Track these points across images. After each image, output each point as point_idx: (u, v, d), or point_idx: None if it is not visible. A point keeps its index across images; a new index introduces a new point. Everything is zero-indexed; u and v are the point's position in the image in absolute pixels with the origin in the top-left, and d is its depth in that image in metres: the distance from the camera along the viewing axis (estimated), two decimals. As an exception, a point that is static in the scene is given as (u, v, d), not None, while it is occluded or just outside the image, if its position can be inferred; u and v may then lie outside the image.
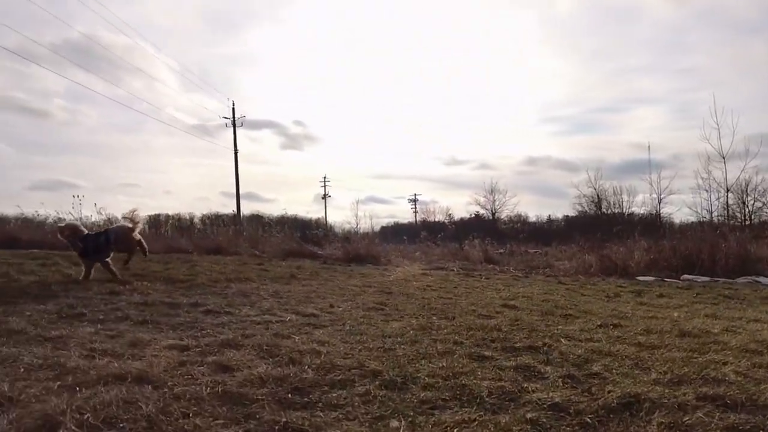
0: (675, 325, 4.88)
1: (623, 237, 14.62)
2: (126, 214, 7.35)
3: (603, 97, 73.96)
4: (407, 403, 2.62)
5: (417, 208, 63.64)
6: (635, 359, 3.61)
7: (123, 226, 7.17)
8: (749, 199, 31.05)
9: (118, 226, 7.23)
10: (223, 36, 70.42)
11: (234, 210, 36.65)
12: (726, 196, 27.06)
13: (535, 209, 75.47)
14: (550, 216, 51.90)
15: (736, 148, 24.41)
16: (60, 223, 7.27)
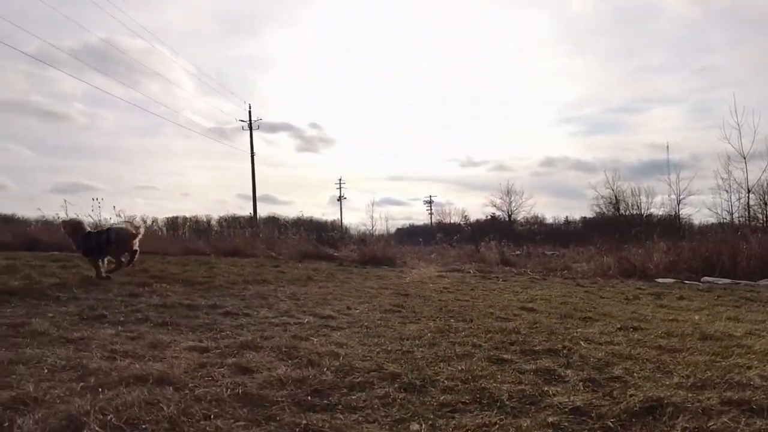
0: (696, 328, 4.81)
1: (642, 239, 14.46)
2: (128, 219, 7.33)
3: (621, 97, 73.52)
4: (427, 406, 2.61)
5: (432, 209, 63.54)
6: (656, 363, 3.56)
7: (125, 228, 7.15)
8: (771, 199, 30.40)
9: (120, 227, 7.20)
10: (239, 39, 71.16)
11: (251, 212, 36.93)
12: (747, 197, 26.47)
13: (552, 211, 75.23)
14: (568, 217, 51.68)
15: (757, 148, 23.82)
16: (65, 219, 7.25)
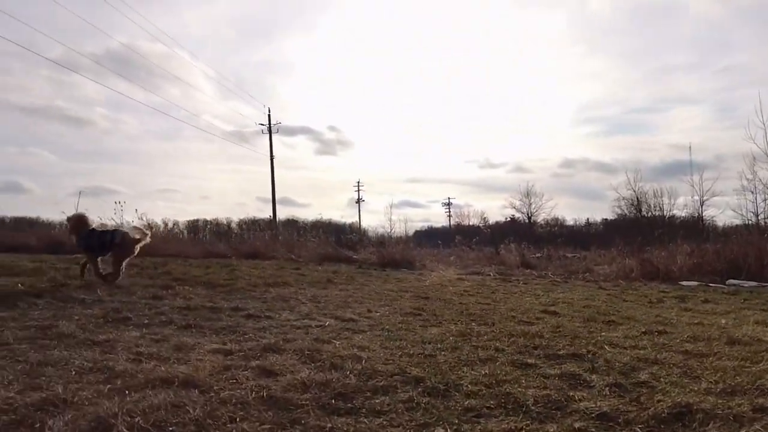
0: (723, 332, 4.72)
1: (665, 241, 14.25)
2: (138, 226, 7.30)
3: (641, 97, 72.53)
4: (451, 410, 2.60)
5: (451, 211, 63.32)
6: (683, 367, 3.50)
7: (130, 232, 7.08)
8: (799, 200, 29.74)
9: (125, 231, 7.14)
10: (258, 44, 71.73)
11: (270, 215, 37.17)
12: (773, 198, 25.96)
13: (572, 212, 74.60)
14: (589, 219, 51.06)
15: (783, 148, 23.38)
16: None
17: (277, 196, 38.00)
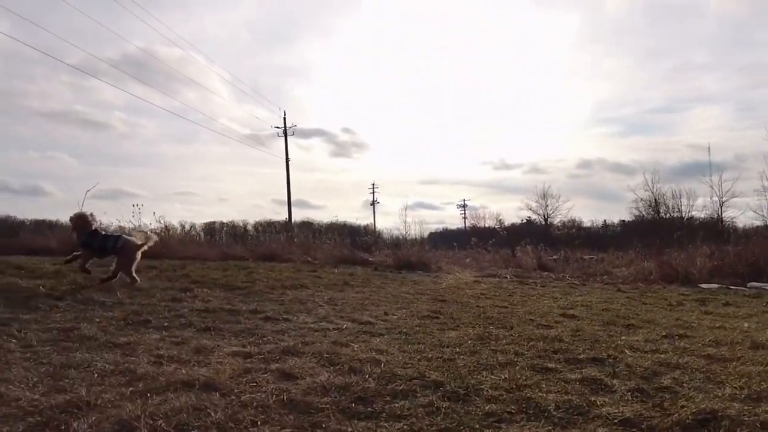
0: (746, 336, 4.66)
1: (683, 243, 14.07)
2: (141, 230, 7.27)
3: (658, 97, 71.62)
4: (472, 415, 2.59)
5: (466, 213, 63.03)
6: (706, 373, 3.47)
7: (132, 239, 7.02)
8: (821, 201, 29.24)
9: (129, 238, 7.07)
10: (273, 47, 72.16)
11: (286, 217, 37.36)
12: (796, 199, 25.53)
13: (589, 214, 73.87)
14: (606, 221, 50.56)
15: (806, 148, 22.99)
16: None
17: (292, 199, 38.24)
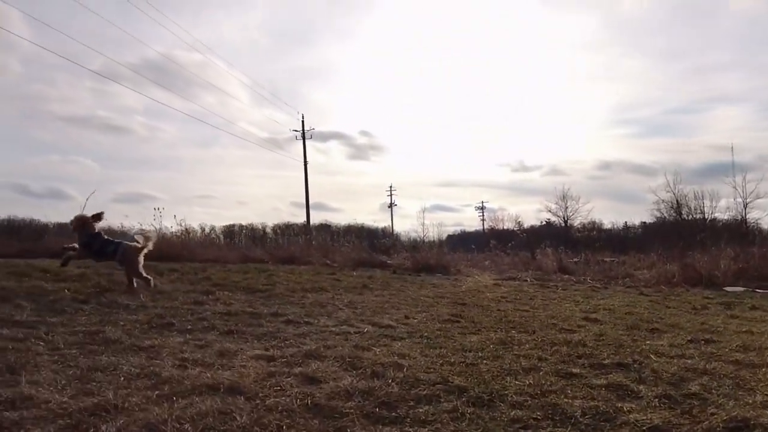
0: (776, 341, 4.55)
1: (707, 244, 13.84)
2: (142, 231, 7.26)
3: (679, 98, 70.42)
4: (497, 421, 2.57)
5: (484, 215, 62.67)
6: (735, 379, 3.40)
7: (134, 245, 6.95)
8: None
9: (129, 244, 7.00)
10: (291, 51, 72.47)
11: (304, 220, 37.53)
12: (822, 200, 24.95)
13: (610, 216, 72.74)
14: (627, 223, 49.87)
15: (833, 148, 22.47)
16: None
17: (310, 201, 38.41)
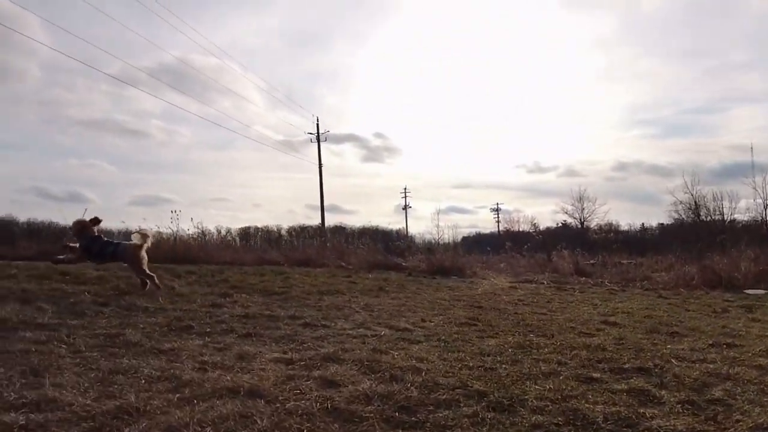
0: (800, 346, 4.47)
1: (726, 246, 13.63)
2: (139, 230, 7.29)
3: (697, 98, 69.61)
4: (518, 427, 2.55)
5: (500, 217, 62.24)
6: (760, 384, 3.35)
7: (132, 243, 6.98)
8: None
9: (127, 244, 7.04)
10: (306, 54, 72.88)
11: (318, 222, 37.62)
12: None
13: (627, 217, 72.16)
14: (644, 224, 49.31)
15: None
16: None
17: (325, 203, 38.51)
